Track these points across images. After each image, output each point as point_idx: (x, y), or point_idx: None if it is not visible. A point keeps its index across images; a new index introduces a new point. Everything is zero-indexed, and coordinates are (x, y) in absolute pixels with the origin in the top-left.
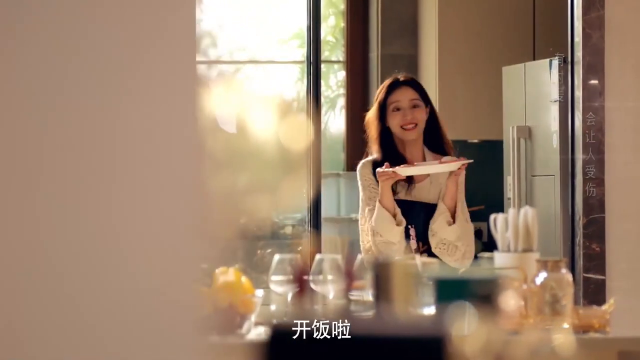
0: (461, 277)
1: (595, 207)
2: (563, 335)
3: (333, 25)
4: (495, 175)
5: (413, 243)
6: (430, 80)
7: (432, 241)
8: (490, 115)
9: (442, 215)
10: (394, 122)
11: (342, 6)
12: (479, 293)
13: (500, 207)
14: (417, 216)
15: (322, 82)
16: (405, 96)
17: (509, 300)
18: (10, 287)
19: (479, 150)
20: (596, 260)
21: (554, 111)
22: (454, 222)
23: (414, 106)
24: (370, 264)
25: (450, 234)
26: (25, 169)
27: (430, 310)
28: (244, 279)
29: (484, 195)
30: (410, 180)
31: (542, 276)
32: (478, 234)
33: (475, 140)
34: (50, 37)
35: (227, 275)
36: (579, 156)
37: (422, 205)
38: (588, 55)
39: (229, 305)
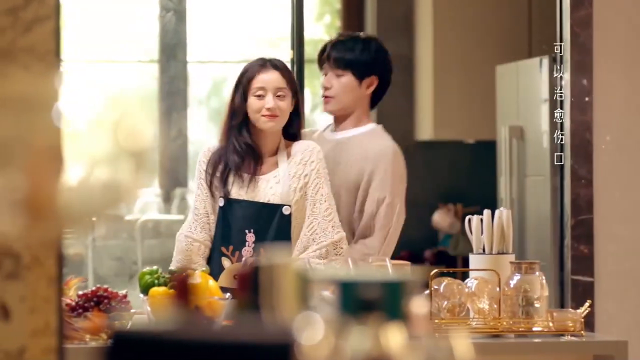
0: (361, 280)
1: (584, 208)
2: (461, 340)
3: (328, 23)
4: (491, 175)
5: (248, 251)
6: (425, 79)
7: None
8: (486, 115)
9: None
10: (253, 108)
11: (338, 5)
12: (379, 296)
13: (495, 208)
14: (256, 219)
15: (318, 82)
16: (271, 82)
17: (417, 304)
18: None
19: (474, 151)
20: (584, 262)
21: (545, 111)
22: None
23: (279, 95)
24: (253, 267)
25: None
26: None
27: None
28: (211, 281)
29: (479, 195)
30: (254, 171)
31: (515, 278)
32: None
33: (471, 141)
34: None
35: (194, 277)
36: (568, 156)
37: (264, 206)
38: (576, 54)
39: (195, 308)
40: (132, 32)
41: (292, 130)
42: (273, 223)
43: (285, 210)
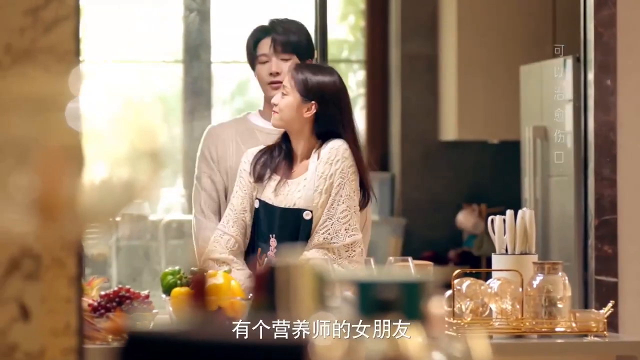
0: (379, 281)
1: (607, 208)
2: (479, 340)
3: (353, 24)
4: (515, 176)
5: (271, 255)
6: (449, 80)
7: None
8: (510, 115)
9: None
10: None
11: (362, 5)
12: (397, 297)
13: (519, 208)
14: (279, 224)
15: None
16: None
17: (435, 305)
18: None
19: (498, 151)
20: (608, 263)
21: (568, 111)
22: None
23: (283, 93)
24: (269, 266)
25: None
26: None
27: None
28: (233, 282)
29: (503, 196)
30: (285, 174)
31: (538, 279)
32: None
33: (495, 141)
34: None
35: (216, 278)
36: (591, 156)
37: (286, 210)
38: (600, 54)
39: (218, 308)
40: (156, 33)
41: (317, 130)
42: (294, 228)
43: (306, 215)
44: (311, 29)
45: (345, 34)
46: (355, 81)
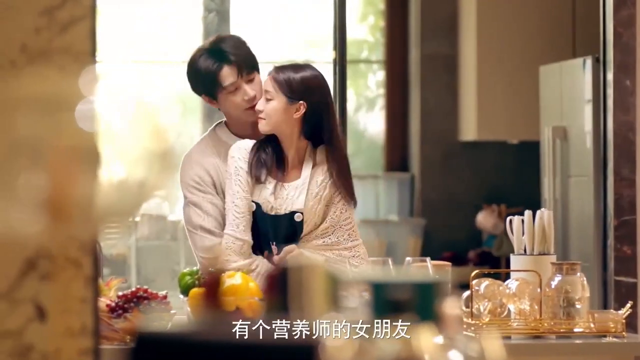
0: (393, 281)
1: (626, 208)
2: (493, 341)
3: (372, 24)
4: (534, 176)
5: (275, 259)
6: (469, 80)
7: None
8: (530, 115)
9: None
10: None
11: (382, 5)
12: (411, 297)
13: (538, 209)
14: (280, 228)
15: (362, 83)
16: (264, 85)
17: (449, 305)
18: None
19: (518, 151)
20: (627, 263)
21: (588, 111)
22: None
23: (267, 98)
24: (279, 268)
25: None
26: None
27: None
28: (251, 283)
29: (523, 196)
30: (280, 178)
31: (557, 279)
32: None
33: (515, 141)
34: None
35: (234, 278)
36: (611, 157)
37: (286, 215)
38: (619, 54)
39: (236, 309)
40: (176, 33)
41: (307, 135)
42: (288, 229)
43: (297, 217)
44: (330, 29)
45: (365, 34)
46: (374, 81)
